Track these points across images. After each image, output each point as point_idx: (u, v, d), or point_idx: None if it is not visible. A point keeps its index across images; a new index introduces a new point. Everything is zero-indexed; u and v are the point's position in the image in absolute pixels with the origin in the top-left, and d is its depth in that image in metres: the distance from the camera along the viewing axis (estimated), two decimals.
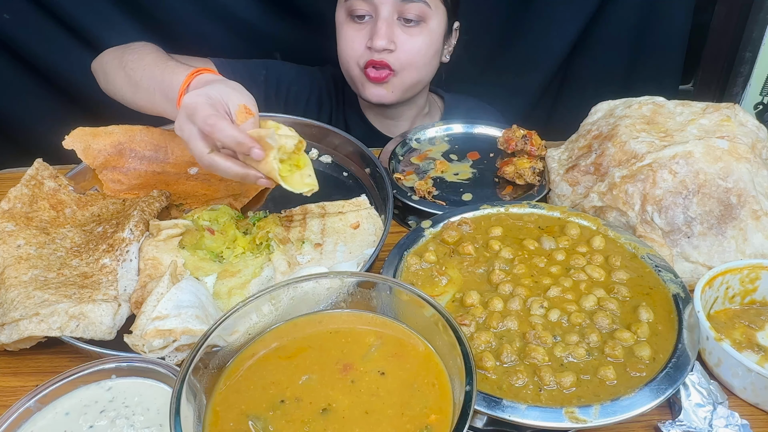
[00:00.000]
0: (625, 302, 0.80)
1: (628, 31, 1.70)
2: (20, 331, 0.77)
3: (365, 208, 1.03)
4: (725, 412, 0.72)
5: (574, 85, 1.83)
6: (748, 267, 0.86)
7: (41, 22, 1.48)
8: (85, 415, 0.67)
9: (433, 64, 1.36)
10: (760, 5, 1.51)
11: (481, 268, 0.86)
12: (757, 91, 1.61)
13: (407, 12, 1.25)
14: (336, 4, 1.32)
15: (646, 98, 1.10)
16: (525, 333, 0.75)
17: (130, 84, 1.12)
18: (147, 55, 1.14)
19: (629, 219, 0.95)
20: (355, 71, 1.31)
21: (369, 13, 1.26)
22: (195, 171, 1.16)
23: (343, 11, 1.30)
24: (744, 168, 0.94)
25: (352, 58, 1.30)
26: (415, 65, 1.30)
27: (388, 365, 0.63)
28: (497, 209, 0.97)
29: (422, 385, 0.61)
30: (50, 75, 1.57)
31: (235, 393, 0.61)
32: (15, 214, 0.94)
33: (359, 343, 0.66)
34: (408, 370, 0.63)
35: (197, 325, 0.75)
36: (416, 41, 1.27)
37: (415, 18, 1.26)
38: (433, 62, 1.35)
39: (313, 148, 1.24)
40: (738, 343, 0.81)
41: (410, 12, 1.25)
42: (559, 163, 1.11)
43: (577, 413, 0.65)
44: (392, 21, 1.25)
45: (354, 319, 0.69)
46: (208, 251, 0.94)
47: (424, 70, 1.34)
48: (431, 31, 1.29)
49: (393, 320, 0.68)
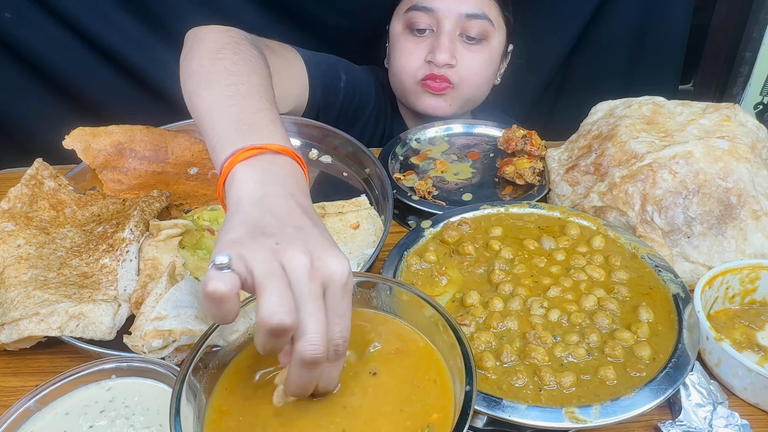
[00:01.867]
0: (625, 302, 0.80)
1: (628, 31, 1.70)
2: (20, 331, 0.77)
3: (365, 208, 1.03)
4: (725, 412, 0.72)
5: (574, 85, 1.83)
6: (748, 267, 0.86)
7: (42, 22, 1.48)
8: (85, 415, 0.67)
9: (490, 83, 1.35)
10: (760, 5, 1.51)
11: (481, 268, 0.86)
12: (757, 91, 1.61)
13: (470, 29, 1.23)
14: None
15: (646, 98, 1.10)
16: (525, 333, 0.75)
17: (193, 94, 0.84)
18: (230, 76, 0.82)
19: (629, 219, 0.95)
20: (410, 83, 1.29)
21: (430, 27, 1.24)
22: (195, 171, 1.16)
23: (402, 23, 1.28)
24: (744, 168, 0.94)
25: (409, 71, 1.28)
26: (475, 82, 1.29)
27: (390, 362, 0.63)
28: (497, 209, 0.97)
29: (424, 382, 0.61)
30: (51, 75, 1.57)
31: (236, 393, 0.61)
32: (15, 213, 0.94)
33: (360, 339, 0.66)
34: (409, 366, 0.63)
35: (197, 326, 0.75)
36: (477, 58, 1.26)
37: (477, 36, 1.24)
38: (490, 81, 1.35)
39: (313, 148, 1.24)
40: (738, 343, 0.81)
41: (473, 29, 1.23)
42: (559, 163, 1.11)
43: (577, 413, 0.65)
44: (454, 36, 1.24)
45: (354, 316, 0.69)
46: (208, 251, 0.94)
47: (482, 89, 1.33)
48: (492, 50, 1.28)
49: (393, 316, 0.68)
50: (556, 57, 1.77)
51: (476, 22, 1.23)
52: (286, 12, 1.60)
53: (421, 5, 1.24)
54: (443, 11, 1.23)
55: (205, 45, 0.92)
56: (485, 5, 1.26)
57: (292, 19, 1.60)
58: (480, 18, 1.22)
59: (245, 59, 0.88)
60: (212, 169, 1.16)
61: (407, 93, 1.32)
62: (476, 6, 1.25)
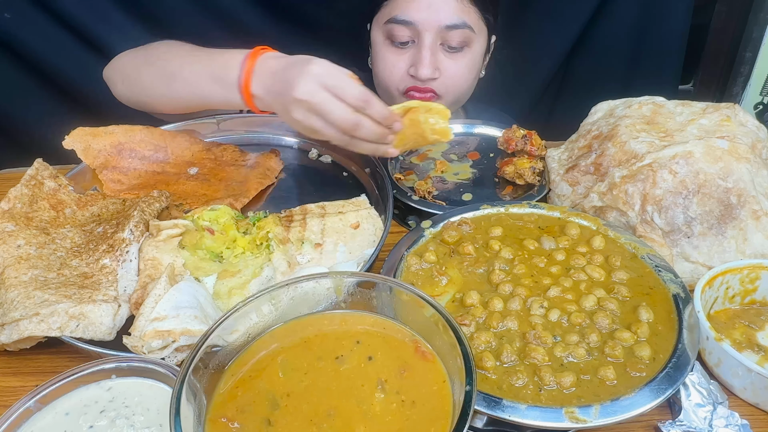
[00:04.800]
0: (625, 302, 0.80)
1: (628, 31, 1.70)
2: (20, 331, 0.77)
3: (365, 208, 1.03)
4: (725, 412, 0.72)
5: (574, 85, 1.83)
6: (748, 267, 0.86)
7: (42, 22, 1.48)
8: (85, 415, 0.67)
9: (475, 82, 1.34)
10: (760, 5, 1.52)
11: (481, 268, 0.86)
12: (757, 91, 1.61)
13: (451, 39, 1.21)
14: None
15: (646, 98, 1.10)
16: (525, 333, 0.75)
17: (163, 76, 1.09)
18: (180, 47, 1.12)
19: (629, 219, 0.95)
20: (395, 93, 1.28)
21: (411, 38, 1.22)
22: (195, 171, 1.16)
23: (382, 34, 1.26)
24: (744, 168, 0.94)
25: (392, 82, 1.27)
26: (460, 88, 1.28)
27: (390, 366, 0.63)
28: (497, 209, 0.97)
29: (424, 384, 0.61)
30: (51, 75, 1.57)
31: (236, 393, 0.61)
32: (15, 214, 0.93)
33: (361, 344, 0.66)
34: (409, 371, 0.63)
35: (196, 326, 0.75)
36: (460, 65, 1.25)
37: (459, 45, 1.22)
38: (474, 82, 1.34)
39: (313, 148, 1.24)
40: (738, 343, 0.81)
41: (454, 39, 1.21)
42: (559, 163, 1.11)
43: (577, 413, 0.65)
44: (436, 48, 1.22)
45: (355, 320, 0.69)
46: (208, 251, 0.94)
47: (468, 90, 1.33)
48: (474, 54, 1.26)
49: (394, 321, 0.68)
50: (556, 57, 1.77)
51: (456, 32, 1.20)
52: (286, 13, 1.60)
53: (400, 18, 1.21)
54: (422, 24, 1.19)
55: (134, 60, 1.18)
56: (464, 13, 1.22)
57: (292, 20, 1.60)
58: (460, 28, 1.20)
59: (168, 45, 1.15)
60: (212, 169, 1.16)
61: (393, 99, 1.32)
62: (455, 15, 1.20)
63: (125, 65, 1.18)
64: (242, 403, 0.60)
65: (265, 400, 0.60)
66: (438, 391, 0.60)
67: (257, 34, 1.60)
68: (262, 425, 0.58)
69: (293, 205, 1.05)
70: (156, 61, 1.12)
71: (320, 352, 0.65)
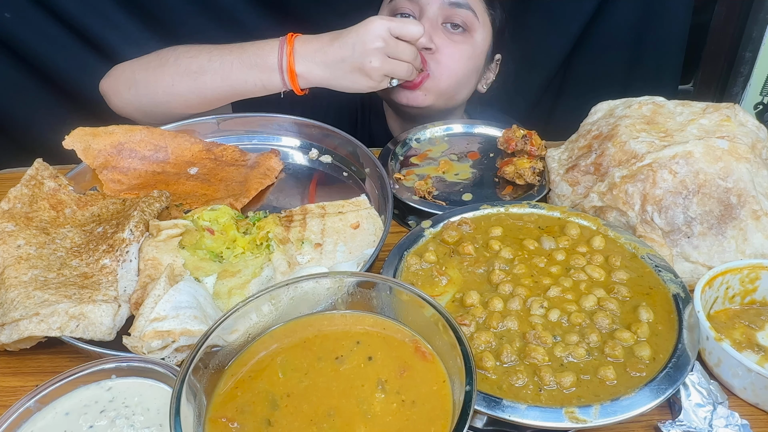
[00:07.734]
0: (625, 302, 0.80)
1: (628, 31, 1.70)
2: (20, 331, 0.77)
3: (365, 208, 1.03)
4: (725, 412, 0.72)
5: (574, 85, 1.83)
6: (748, 267, 0.86)
7: (42, 22, 1.48)
8: (85, 415, 0.67)
9: (471, 82, 1.34)
10: (760, 5, 1.52)
11: (481, 268, 0.86)
12: (757, 91, 1.61)
13: (454, 17, 1.23)
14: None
15: (646, 98, 1.10)
16: (525, 333, 0.75)
17: (188, 72, 1.12)
18: (199, 46, 1.15)
19: (629, 219, 0.95)
20: None
21: (413, 13, 1.24)
22: (195, 171, 1.16)
23: (387, 12, 1.29)
24: (744, 168, 0.94)
25: None
26: (454, 72, 1.27)
27: (390, 366, 0.63)
28: (497, 209, 0.97)
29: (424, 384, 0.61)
30: (50, 74, 1.57)
31: (236, 393, 0.61)
32: (15, 214, 0.94)
33: (361, 344, 0.66)
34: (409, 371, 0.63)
35: (196, 326, 0.75)
36: (458, 47, 1.25)
37: (461, 24, 1.24)
38: (472, 80, 1.33)
39: (313, 148, 1.24)
40: (738, 343, 0.81)
41: (457, 17, 1.23)
42: (559, 163, 1.11)
43: (577, 413, 0.65)
44: (437, 24, 1.24)
45: (354, 320, 0.69)
46: (208, 251, 0.94)
47: (462, 82, 1.31)
48: (475, 43, 1.27)
49: (394, 321, 0.68)
50: (556, 57, 1.77)
51: (460, 11, 1.23)
52: (286, 13, 1.60)
53: None
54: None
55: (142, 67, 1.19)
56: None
57: (292, 20, 1.59)
58: (463, 7, 1.22)
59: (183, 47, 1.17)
60: (212, 169, 1.16)
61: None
62: None
63: (134, 72, 1.19)
64: (242, 403, 0.60)
65: (265, 401, 0.60)
66: (438, 391, 0.60)
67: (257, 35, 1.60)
68: (261, 425, 0.58)
69: (293, 205, 1.05)
70: (175, 61, 1.14)
71: (320, 353, 0.65)
